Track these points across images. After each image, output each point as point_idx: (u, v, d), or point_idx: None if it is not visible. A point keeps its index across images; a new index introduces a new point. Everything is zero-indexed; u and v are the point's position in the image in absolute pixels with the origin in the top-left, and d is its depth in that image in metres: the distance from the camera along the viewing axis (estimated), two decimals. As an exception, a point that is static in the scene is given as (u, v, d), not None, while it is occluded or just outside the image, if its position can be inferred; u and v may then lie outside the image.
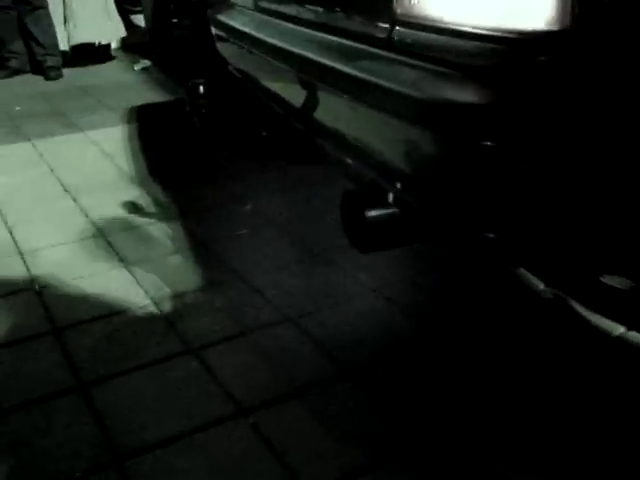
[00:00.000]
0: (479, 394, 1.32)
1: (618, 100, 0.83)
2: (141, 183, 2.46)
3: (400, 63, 1.05)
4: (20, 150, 2.89)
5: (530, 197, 0.91)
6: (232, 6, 2.00)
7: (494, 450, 1.18)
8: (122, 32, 4.62)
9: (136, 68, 4.50)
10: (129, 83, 4.12)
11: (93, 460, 1.20)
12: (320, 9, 1.40)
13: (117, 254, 1.93)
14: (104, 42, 4.69)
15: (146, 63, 4.54)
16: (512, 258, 1.05)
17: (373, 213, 1.13)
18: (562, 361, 1.38)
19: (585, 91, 0.83)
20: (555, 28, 0.85)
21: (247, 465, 1.18)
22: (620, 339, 1.32)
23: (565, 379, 1.33)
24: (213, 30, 2.20)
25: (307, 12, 1.46)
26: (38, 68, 4.38)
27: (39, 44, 4.28)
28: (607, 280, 1.23)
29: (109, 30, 4.54)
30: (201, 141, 2.71)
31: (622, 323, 1.39)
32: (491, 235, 0.96)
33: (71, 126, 3.23)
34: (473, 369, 1.39)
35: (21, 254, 1.95)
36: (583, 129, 0.84)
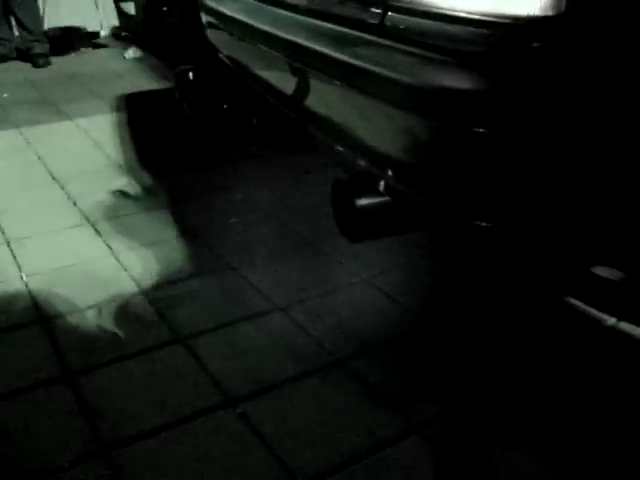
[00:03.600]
0: (473, 380, 1.32)
1: (612, 87, 0.82)
2: (130, 171, 2.44)
3: (392, 49, 1.04)
4: (7, 137, 2.86)
5: (522, 185, 0.90)
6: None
7: (492, 435, 1.18)
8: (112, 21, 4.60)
9: (126, 56, 4.46)
10: (119, 71, 4.08)
11: (80, 450, 1.19)
12: (311, -5, 1.38)
13: (105, 242, 1.91)
14: (90, 29, 4.65)
15: (136, 51, 4.49)
16: (504, 247, 1.04)
17: (363, 202, 1.12)
18: (557, 347, 1.38)
19: (579, 78, 0.82)
20: (549, 13, 0.84)
21: (236, 455, 1.17)
22: (612, 329, 1.32)
23: (561, 365, 1.33)
24: (203, 17, 2.17)
25: (298, -2, 1.45)
26: (25, 55, 4.33)
27: (26, 30, 4.23)
28: (598, 271, 1.23)
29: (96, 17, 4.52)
30: (191, 129, 2.68)
31: (613, 314, 1.40)
32: (484, 224, 0.95)
33: (59, 114, 3.20)
34: (467, 356, 1.39)
35: (7, 242, 1.93)
36: (577, 117, 0.83)
